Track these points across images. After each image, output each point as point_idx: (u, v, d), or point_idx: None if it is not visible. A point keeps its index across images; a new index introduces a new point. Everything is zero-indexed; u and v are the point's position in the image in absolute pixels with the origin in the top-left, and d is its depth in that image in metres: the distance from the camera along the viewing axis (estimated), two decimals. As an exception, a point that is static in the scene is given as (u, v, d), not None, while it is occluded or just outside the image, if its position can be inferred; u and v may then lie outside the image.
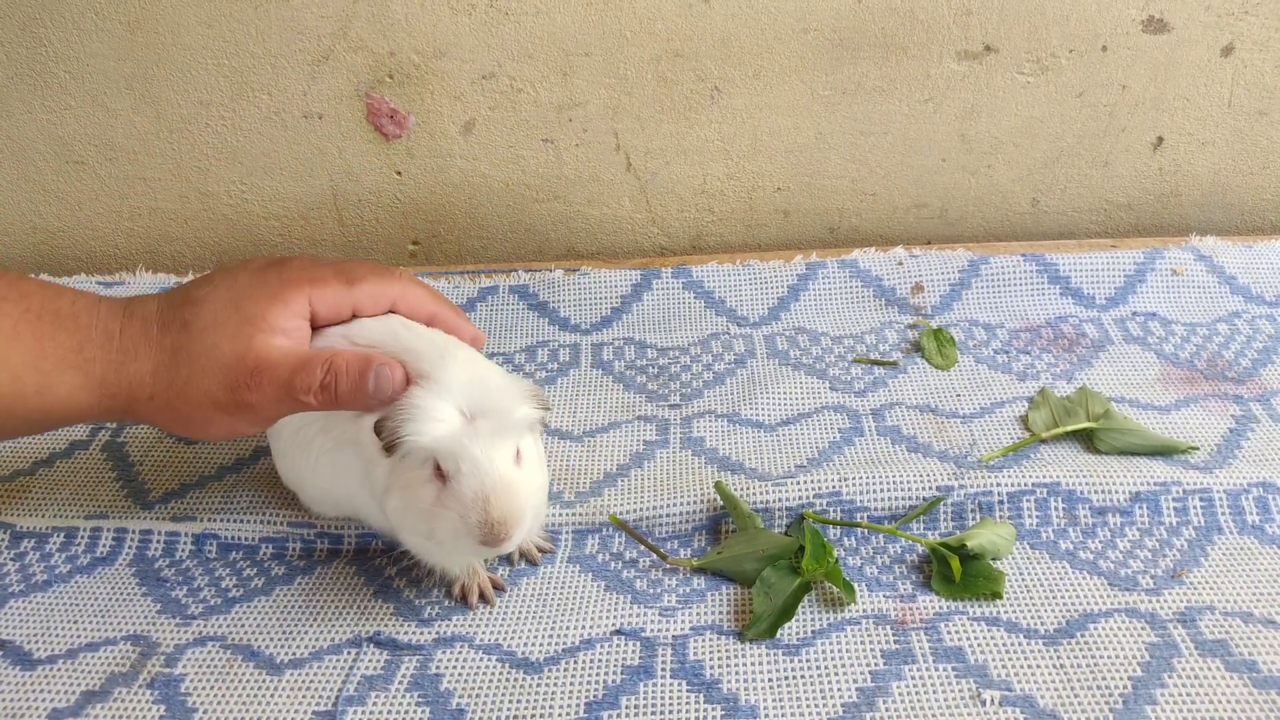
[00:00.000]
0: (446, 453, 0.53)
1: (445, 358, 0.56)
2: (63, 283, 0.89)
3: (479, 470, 0.53)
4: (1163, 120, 0.92)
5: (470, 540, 0.53)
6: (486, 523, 0.53)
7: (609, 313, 0.87)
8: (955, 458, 0.69)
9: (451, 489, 0.53)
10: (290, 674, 0.57)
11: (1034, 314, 0.85)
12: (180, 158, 0.94)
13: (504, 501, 0.53)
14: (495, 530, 0.53)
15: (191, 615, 0.61)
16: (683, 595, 0.61)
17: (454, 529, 0.54)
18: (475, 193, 0.95)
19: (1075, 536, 0.64)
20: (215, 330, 0.56)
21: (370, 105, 0.91)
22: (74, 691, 0.56)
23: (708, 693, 0.54)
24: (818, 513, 0.65)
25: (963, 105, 0.91)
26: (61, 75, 0.90)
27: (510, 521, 0.53)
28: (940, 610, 0.58)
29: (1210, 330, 0.82)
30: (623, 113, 0.91)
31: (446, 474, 0.53)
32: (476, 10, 0.86)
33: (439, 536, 0.55)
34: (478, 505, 0.53)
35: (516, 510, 0.53)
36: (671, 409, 0.76)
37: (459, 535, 0.54)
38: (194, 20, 0.87)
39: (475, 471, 0.53)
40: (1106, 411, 0.71)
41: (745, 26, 0.87)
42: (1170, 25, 0.87)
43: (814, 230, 0.98)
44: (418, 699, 0.55)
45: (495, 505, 0.53)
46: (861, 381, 0.78)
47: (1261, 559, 0.61)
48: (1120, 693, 0.53)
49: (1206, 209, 0.97)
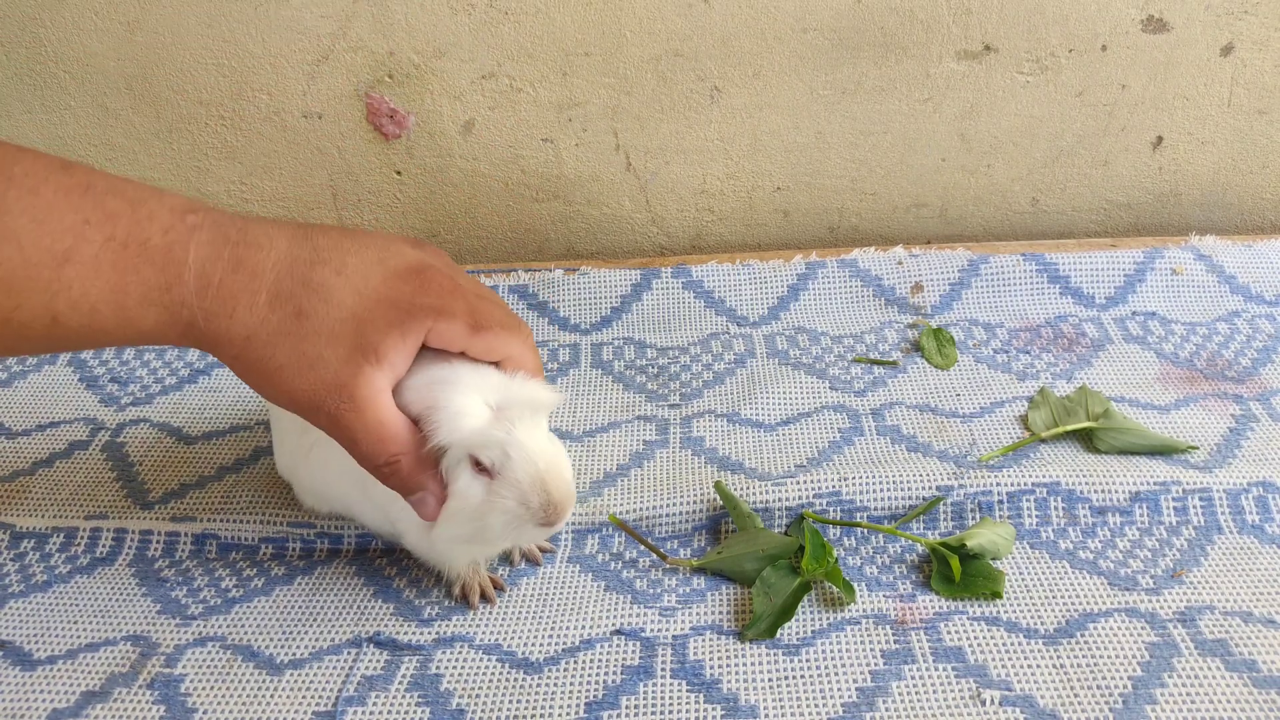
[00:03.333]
0: (492, 443, 0.53)
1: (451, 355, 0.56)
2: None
3: (529, 454, 0.53)
4: (1162, 120, 0.92)
5: (531, 524, 0.54)
6: (550, 503, 0.54)
7: (609, 312, 0.87)
8: (955, 457, 0.69)
9: (505, 478, 0.53)
10: (290, 674, 0.57)
11: (1034, 313, 0.85)
12: (180, 158, 0.94)
13: (559, 479, 0.54)
14: (559, 508, 0.54)
15: (191, 615, 0.61)
16: (683, 595, 0.61)
17: (513, 516, 0.54)
18: (475, 193, 0.95)
19: (1075, 536, 0.64)
20: (327, 341, 0.51)
21: (370, 105, 0.91)
22: (74, 692, 0.56)
23: (708, 693, 0.54)
24: (818, 512, 0.65)
25: (962, 105, 0.91)
26: (61, 75, 0.90)
27: (570, 497, 0.55)
28: (940, 610, 0.58)
29: (1210, 330, 0.82)
30: (622, 112, 0.91)
31: (491, 466, 0.54)
32: (476, 10, 0.86)
33: (493, 530, 0.55)
34: (537, 488, 0.53)
35: (570, 485, 0.55)
36: (671, 409, 0.76)
37: (519, 521, 0.54)
38: (194, 20, 0.87)
39: (526, 456, 0.53)
40: (1106, 411, 0.71)
41: (745, 26, 0.87)
42: (1170, 25, 0.87)
43: (814, 230, 0.98)
44: (418, 699, 0.55)
45: (553, 484, 0.54)
46: (861, 381, 0.78)
47: (1261, 559, 0.61)
48: (1120, 692, 0.53)
49: (1206, 208, 0.97)
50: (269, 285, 0.52)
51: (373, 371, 0.52)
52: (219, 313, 0.51)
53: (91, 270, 0.49)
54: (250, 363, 0.52)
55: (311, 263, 0.53)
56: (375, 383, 0.52)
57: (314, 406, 0.52)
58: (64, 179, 0.49)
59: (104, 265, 0.49)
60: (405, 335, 0.52)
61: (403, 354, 0.53)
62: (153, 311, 0.51)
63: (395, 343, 0.52)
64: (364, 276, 0.53)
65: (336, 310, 0.52)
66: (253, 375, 0.53)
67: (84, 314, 0.50)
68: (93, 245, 0.49)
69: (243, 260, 0.52)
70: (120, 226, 0.50)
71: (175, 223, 0.51)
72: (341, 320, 0.52)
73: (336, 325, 0.51)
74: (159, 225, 0.51)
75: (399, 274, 0.54)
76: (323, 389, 0.51)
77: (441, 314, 0.53)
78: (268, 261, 0.52)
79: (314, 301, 0.52)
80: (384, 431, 0.52)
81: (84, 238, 0.49)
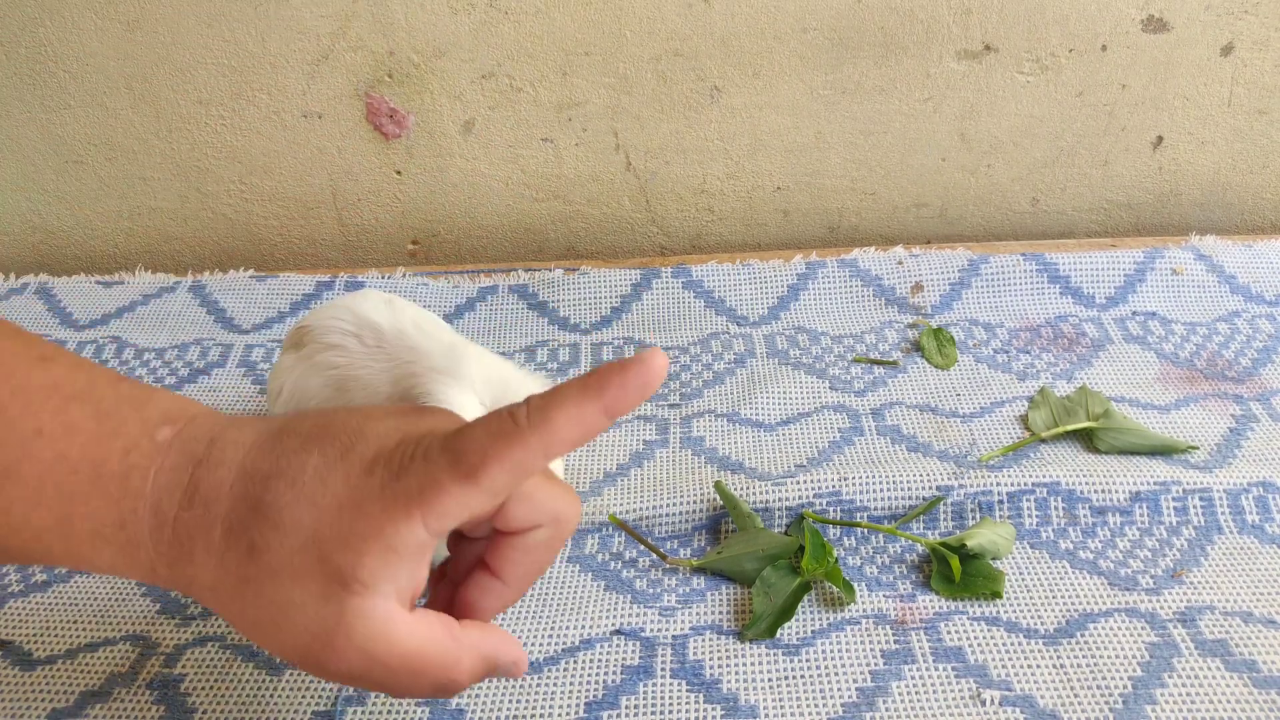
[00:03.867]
0: None
1: (458, 355, 0.56)
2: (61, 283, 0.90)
3: None
4: (1162, 119, 0.92)
5: None
6: None
7: (609, 312, 0.87)
8: (955, 457, 0.69)
9: None
10: (290, 674, 0.57)
11: (1034, 313, 0.85)
12: (180, 158, 0.94)
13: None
14: None
15: (191, 615, 0.61)
16: (682, 595, 0.61)
17: None
18: (475, 192, 0.95)
19: (1075, 536, 0.64)
20: (290, 579, 0.39)
21: (370, 105, 0.91)
22: (74, 691, 0.56)
23: (707, 693, 0.54)
24: (818, 512, 0.65)
25: (962, 105, 0.91)
26: (61, 75, 0.90)
27: None
28: (940, 610, 0.58)
29: (1210, 329, 0.82)
30: (622, 112, 0.91)
31: None
32: (476, 10, 0.86)
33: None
34: None
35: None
36: (671, 408, 0.76)
37: None
38: (194, 20, 0.87)
39: None
40: (1106, 411, 0.71)
41: (745, 26, 0.87)
42: (1170, 25, 0.87)
43: (814, 230, 0.98)
44: (417, 698, 0.55)
45: None
46: (861, 381, 0.78)
47: (1261, 559, 0.61)
48: (1120, 692, 0.53)
49: (1206, 208, 0.97)
50: (223, 516, 0.40)
51: (361, 602, 0.38)
52: (179, 556, 0.40)
53: (34, 493, 0.39)
54: (232, 619, 0.41)
55: (267, 477, 0.40)
56: (371, 614, 0.38)
57: (318, 667, 0.40)
58: (31, 376, 0.41)
59: (47, 489, 0.40)
60: (390, 547, 0.38)
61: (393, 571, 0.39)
62: (107, 550, 0.41)
63: (377, 558, 0.38)
64: (320, 481, 0.39)
65: (291, 537, 0.39)
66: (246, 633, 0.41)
67: (28, 539, 0.40)
68: (39, 464, 0.39)
69: (199, 486, 0.40)
70: (76, 443, 0.40)
71: (141, 440, 0.41)
72: (299, 548, 0.39)
73: (294, 557, 0.39)
74: (121, 444, 0.41)
75: (365, 466, 0.40)
76: (311, 643, 0.39)
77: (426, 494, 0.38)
78: (224, 484, 0.40)
79: (265, 531, 0.39)
80: (414, 663, 0.40)
81: (30, 453, 0.39)
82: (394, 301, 0.62)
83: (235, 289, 0.89)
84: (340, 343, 0.59)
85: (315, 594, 0.38)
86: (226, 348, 0.84)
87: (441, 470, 0.38)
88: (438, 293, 0.88)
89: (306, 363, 0.61)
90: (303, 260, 1.00)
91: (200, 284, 0.90)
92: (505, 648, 0.43)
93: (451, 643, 0.41)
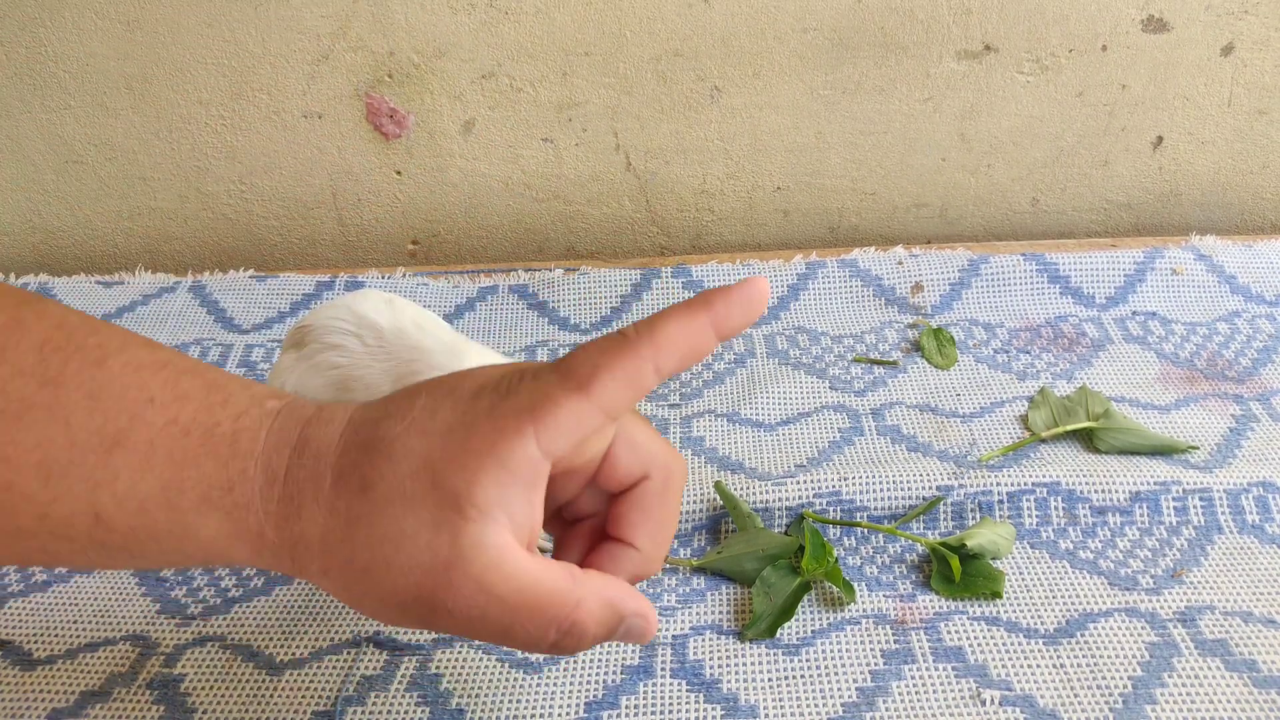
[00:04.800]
0: None
1: (459, 354, 0.56)
2: (61, 283, 0.90)
3: None
4: (1162, 120, 0.92)
5: None
6: None
7: (609, 312, 0.87)
8: (955, 457, 0.69)
9: None
10: (290, 674, 0.57)
11: (1034, 313, 0.85)
12: (180, 158, 0.94)
13: None
14: None
15: (191, 615, 0.61)
16: (682, 595, 0.61)
17: None
18: (475, 192, 0.95)
19: (1075, 536, 0.64)
20: (404, 508, 0.37)
21: (370, 105, 0.91)
22: (74, 691, 0.56)
23: (707, 693, 0.54)
24: (817, 512, 0.65)
25: (962, 105, 0.91)
26: (61, 75, 0.90)
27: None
28: (940, 610, 0.58)
29: (1210, 330, 0.82)
30: (622, 112, 0.91)
31: None
32: (476, 10, 0.86)
33: None
34: None
35: None
36: (671, 408, 0.76)
37: None
38: (194, 20, 0.87)
39: None
40: (1106, 411, 0.71)
41: (745, 26, 0.87)
42: (1170, 25, 0.87)
43: (814, 230, 0.98)
44: (417, 699, 0.55)
45: None
46: (861, 381, 0.78)
47: (1261, 559, 0.61)
48: (1120, 692, 0.53)
49: (1206, 209, 0.97)
50: (333, 463, 0.39)
51: (477, 529, 0.37)
52: (288, 513, 0.39)
53: (143, 459, 0.39)
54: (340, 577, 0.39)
55: (378, 420, 0.40)
56: (486, 541, 0.37)
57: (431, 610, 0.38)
58: (139, 354, 0.41)
59: (158, 454, 0.39)
60: (504, 465, 0.37)
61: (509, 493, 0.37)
62: (214, 517, 0.40)
63: (492, 478, 0.37)
64: (430, 412, 0.39)
65: (403, 464, 0.38)
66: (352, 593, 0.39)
67: (131, 512, 0.39)
68: (149, 428, 0.39)
69: (309, 440, 0.40)
70: (187, 409, 0.40)
71: (251, 407, 0.41)
72: (411, 473, 0.38)
73: (406, 482, 0.38)
74: (232, 410, 0.41)
75: (472, 393, 0.39)
76: (423, 580, 0.37)
77: (538, 410, 0.37)
78: (334, 436, 0.40)
79: (378, 463, 0.38)
80: (532, 598, 0.38)
81: (142, 419, 0.39)
82: (394, 301, 0.62)
83: (235, 289, 0.89)
84: (341, 342, 0.59)
85: (428, 522, 0.37)
86: (226, 348, 0.84)
87: (552, 385, 0.38)
88: (438, 293, 0.88)
89: (307, 362, 0.61)
90: (303, 260, 1.00)
91: (200, 284, 0.90)
92: (632, 599, 0.41)
93: (571, 582, 0.39)
